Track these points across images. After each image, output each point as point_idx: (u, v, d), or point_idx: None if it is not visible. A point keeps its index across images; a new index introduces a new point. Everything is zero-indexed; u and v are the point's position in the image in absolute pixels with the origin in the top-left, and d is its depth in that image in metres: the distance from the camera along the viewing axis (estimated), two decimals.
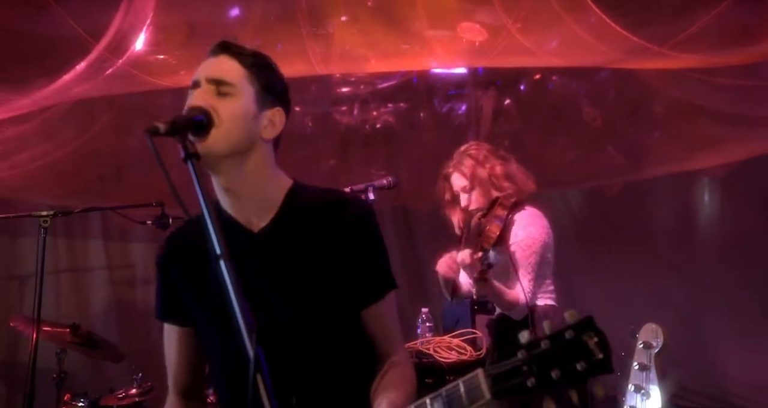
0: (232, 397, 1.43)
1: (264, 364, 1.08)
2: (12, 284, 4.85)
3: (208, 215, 1.14)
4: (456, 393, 1.07)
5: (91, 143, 4.11)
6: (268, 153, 1.41)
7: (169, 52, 3.26)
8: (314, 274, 1.38)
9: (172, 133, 1.20)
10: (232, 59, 1.36)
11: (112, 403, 3.48)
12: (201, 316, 1.45)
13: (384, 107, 5.01)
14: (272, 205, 1.42)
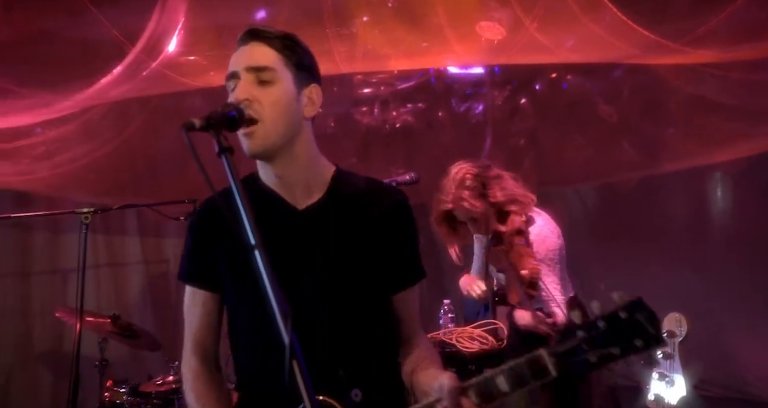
0: (255, 367, 1.41)
1: (298, 350, 1.06)
2: (55, 278, 4.89)
3: (243, 208, 1.12)
4: (520, 370, 1.11)
5: (127, 143, 4.13)
6: (310, 132, 1.40)
7: (200, 53, 3.24)
8: (354, 256, 1.38)
9: (206, 129, 1.19)
10: (263, 45, 1.33)
11: (151, 389, 3.48)
12: (233, 287, 1.42)
13: (403, 107, 4.97)
14: (318, 185, 1.40)
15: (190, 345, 1.47)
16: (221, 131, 1.20)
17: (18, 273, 4.78)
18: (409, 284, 1.45)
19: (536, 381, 1.10)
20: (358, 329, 1.37)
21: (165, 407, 3.41)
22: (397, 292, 1.43)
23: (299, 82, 1.35)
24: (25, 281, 4.84)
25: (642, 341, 1.04)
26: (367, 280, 1.38)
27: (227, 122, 1.23)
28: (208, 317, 1.46)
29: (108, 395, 3.42)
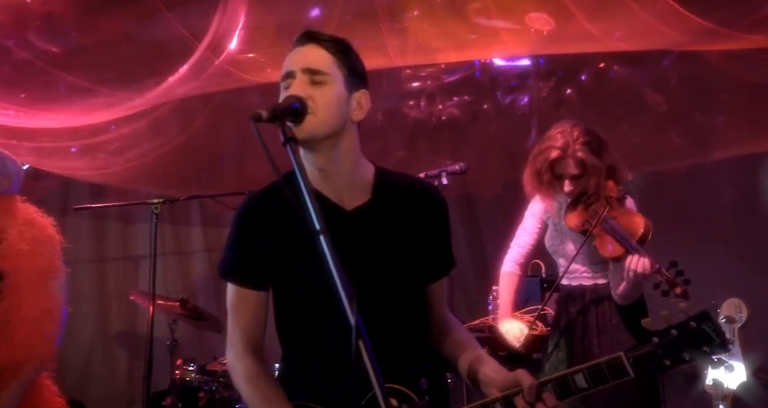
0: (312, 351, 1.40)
1: (364, 331, 1.05)
2: (128, 264, 5.06)
3: (307, 192, 1.12)
4: (600, 370, 1.22)
5: (192, 139, 4.21)
6: (356, 134, 1.41)
7: (258, 50, 3.28)
8: (404, 251, 1.40)
9: (272, 120, 1.20)
10: (319, 48, 1.34)
11: (217, 368, 3.55)
12: (285, 275, 1.40)
13: (449, 100, 4.91)
14: (364, 186, 1.41)
15: (243, 343, 1.41)
16: (285, 122, 1.22)
17: (94, 260, 4.96)
18: (445, 274, 1.52)
19: (614, 380, 1.22)
20: (408, 321, 1.40)
21: (230, 385, 3.47)
22: (435, 280, 1.49)
23: (350, 86, 1.36)
24: (101, 267, 5.02)
25: (709, 348, 1.19)
26: (409, 274, 1.41)
27: (290, 114, 1.25)
28: (256, 312, 1.43)
29: (179, 373, 3.52)
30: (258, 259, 1.40)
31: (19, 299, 1.97)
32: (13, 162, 2.18)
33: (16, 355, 1.91)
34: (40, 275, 2.04)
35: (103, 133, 3.49)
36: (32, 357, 1.94)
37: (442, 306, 1.53)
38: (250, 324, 1.43)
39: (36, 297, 2.00)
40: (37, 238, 2.08)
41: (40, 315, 2.00)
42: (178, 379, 3.49)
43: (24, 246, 2.02)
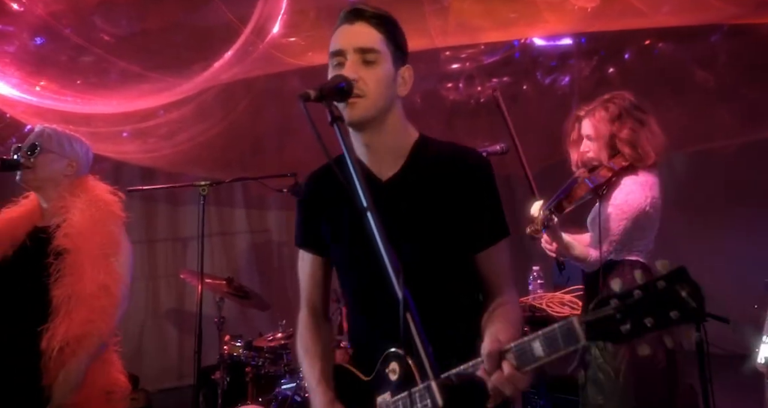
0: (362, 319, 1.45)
1: (412, 304, 1.07)
2: (176, 244, 5.21)
3: (354, 171, 1.14)
4: (553, 336, 1.06)
5: (235, 123, 4.27)
6: (401, 107, 1.40)
7: (300, 34, 3.28)
8: (436, 220, 1.36)
9: (320, 99, 1.21)
10: (368, 25, 1.33)
11: (263, 344, 3.62)
12: (337, 250, 1.46)
13: (488, 82, 4.83)
14: (401, 154, 1.40)
15: (303, 301, 1.54)
16: (332, 101, 1.22)
17: (144, 240, 5.12)
18: (490, 242, 1.41)
19: (567, 347, 1.05)
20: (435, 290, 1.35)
21: (275, 360, 3.55)
22: (478, 251, 1.40)
23: (396, 62, 1.35)
24: (151, 248, 5.19)
25: (678, 313, 0.95)
26: (448, 242, 1.36)
27: (337, 93, 1.25)
28: (315, 277, 1.52)
29: (227, 348, 3.60)
30: (316, 227, 1.47)
31: (79, 276, 2.00)
32: (81, 144, 2.24)
33: (77, 330, 1.95)
34: (100, 252, 2.06)
35: (153, 118, 3.58)
36: (92, 332, 1.98)
37: (497, 281, 1.43)
38: (307, 286, 1.53)
39: (95, 274, 2.03)
40: (96, 217, 2.10)
41: (99, 291, 2.02)
42: (226, 354, 3.57)
43: (85, 224, 2.06)
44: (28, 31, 2.85)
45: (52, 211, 2.12)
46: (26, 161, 2.09)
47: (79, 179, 2.17)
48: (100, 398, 2.05)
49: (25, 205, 2.19)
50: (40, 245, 2.03)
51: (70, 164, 2.15)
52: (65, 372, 1.93)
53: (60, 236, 2.02)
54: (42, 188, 2.14)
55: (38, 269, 1.99)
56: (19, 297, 2.01)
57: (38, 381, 1.92)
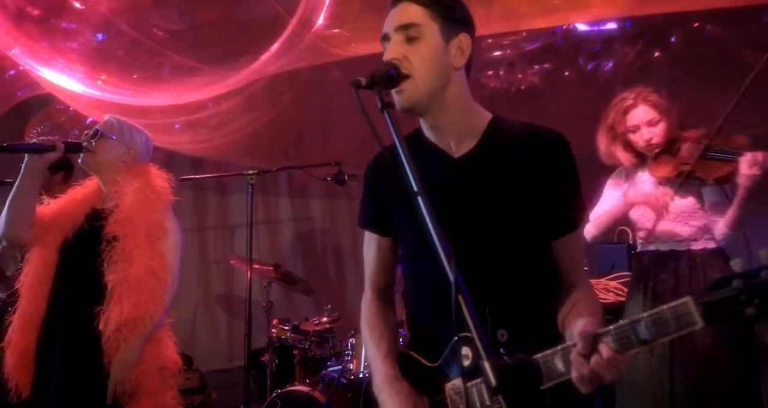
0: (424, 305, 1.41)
1: (463, 287, 1.04)
2: (225, 232, 5.35)
3: (405, 160, 1.12)
4: (661, 318, 0.99)
5: (280, 114, 4.33)
6: (463, 81, 1.34)
7: (344, 25, 3.29)
8: (512, 201, 1.30)
9: (370, 86, 1.20)
10: (411, 3, 1.30)
11: (309, 328, 3.71)
12: (402, 232, 1.44)
13: (529, 69, 4.73)
14: (473, 133, 1.35)
15: (367, 282, 1.53)
16: (382, 88, 1.21)
17: (195, 228, 5.28)
18: (569, 230, 1.34)
19: (679, 330, 0.97)
20: (508, 272, 1.30)
21: (321, 344, 3.63)
22: (556, 238, 1.34)
23: (447, 34, 1.29)
24: (202, 235, 5.35)
25: None
26: (521, 225, 1.30)
27: (387, 80, 1.24)
28: (379, 258, 1.50)
29: (275, 332, 3.70)
30: (381, 208, 1.47)
31: (130, 261, 2.08)
32: (141, 133, 2.33)
33: (130, 313, 2.04)
34: (147, 238, 2.13)
35: (204, 110, 3.67)
36: (144, 315, 2.06)
37: (573, 270, 1.36)
38: (371, 267, 1.51)
39: (143, 259, 2.10)
40: (143, 203, 2.16)
41: (147, 277, 2.10)
42: (275, 337, 3.67)
43: (133, 211, 2.13)
44: (90, 28, 2.96)
45: (108, 195, 2.22)
46: (88, 145, 2.20)
47: (137, 166, 2.26)
48: (154, 374, 2.14)
49: (88, 187, 2.31)
50: (95, 229, 2.13)
51: (127, 151, 2.25)
52: (122, 351, 2.04)
53: (111, 223, 2.12)
54: (100, 172, 2.24)
55: (93, 254, 2.09)
56: (78, 278, 2.12)
57: (99, 358, 2.04)
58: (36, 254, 2.17)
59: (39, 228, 2.16)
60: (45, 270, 2.14)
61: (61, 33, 3.06)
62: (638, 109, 2.39)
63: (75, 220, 2.20)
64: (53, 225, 2.18)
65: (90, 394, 2.03)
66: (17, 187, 2.12)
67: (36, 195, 2.18)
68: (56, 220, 2.19)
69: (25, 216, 2.13)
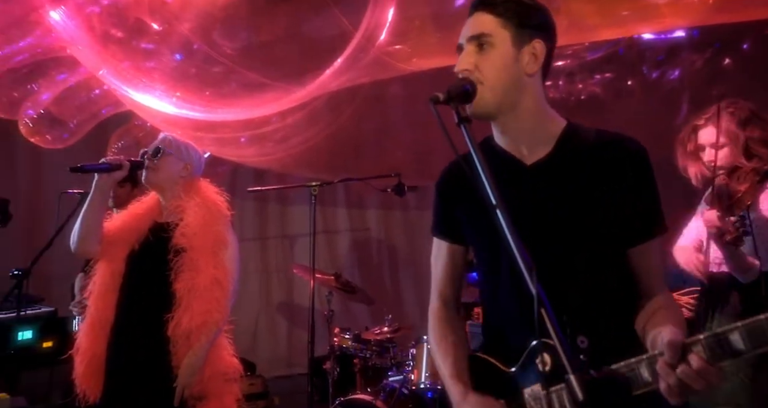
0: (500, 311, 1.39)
1: (545, 300, 1.03)
2: (285, 241, 5.47)
3: (483, 172, 1.12)
4: (758, 328, 0.95)
5: (340, 128, 4.41)
6: (537, 87, 1.34)
7: (406, 41, 3.33)
8: (587, 207, 1.28)
9: (447, 101, 1.21)
10: (484, 13, 1.32)
11: (370, 337, 3.72)
12: (476, 241, 1.44)
13: (590, 79, 4.63)
14: (547, 139, 1.34)
15: (435, 291, 1.53)
16: (458, 103, 1.22)
17: (257, 237, 5.42)
18: (646, 238, 1.31)
19: None
20: (585, 279, 1.28)
21: (382, 353, 3.63)
22: (633, 245, 1.31)
23: (519, 41, 1.29)
24: (263, 244, 5.48)
25: None
26: (600, 232, 1.28)
27: (463, 95, 1.25)
28: (449, 267, 1.50)
29: (336, 340, 3.74)
30: (452, 216, 1.47)
31: (196, 271, 2.20)
32: (195, 150, 2.47)
33: (197, 319, 2.15)
34: (211, 249, 2.25)
35: (269, 124, 3.79)
36: (209, 320, 2.17)
37: (651, 278, 1.33)
38: (440, 276, 1.52)
39: (209, 268, 2.22)
40: (208, 217, 2.29)
41: (212, 285, 2.21)
42: (336, 346, 3.70)
43: (198, 224, 2.26)
44: (167, 48, 3.11)
45: (169, 209, 2.35)
46: (150, 162, 2.33)
47: (193, 181, 2.40)
48: (218, 378, 2.25)
49: (147, 203, 2.44)
50: (160, 241, 2.26)
51: (186, 167, 2.38)
52: (189, 356, 2.14)
53: (178, 235, 2.24)
54: (162, 187, 2.37)
55: (161, 263, 2.21)
56: (146, 287, 2.24)
57: (167, 362, 2.15)
58: (103, 265, 2.31)
59: (106, 241, 2.30)
60: (112, 280, 2.27)
61: (141, 53, 3.24)
62: (707, 130, 2.35)
63: (139, 233, 2.33)
64: (119, 238, 2.32)
65: (158, 397, 2.13)
66: (89, 203, 2.26)
67: (104, 210, 2.33)
68: (121, 234, 2.33)
69: (94, 230, 2.27)
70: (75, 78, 3.28)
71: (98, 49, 2.87)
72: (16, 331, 3.31)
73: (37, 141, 3.45)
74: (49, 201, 4.61)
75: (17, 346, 3.29)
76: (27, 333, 3.39)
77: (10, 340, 3.26)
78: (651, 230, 1.33)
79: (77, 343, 2.26)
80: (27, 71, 3.08)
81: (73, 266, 4.40)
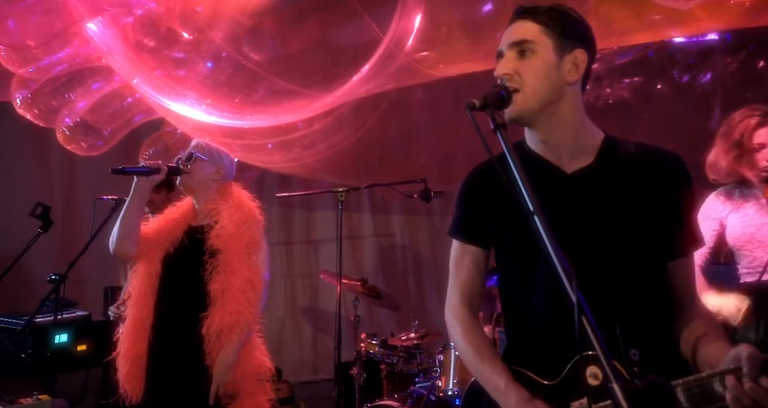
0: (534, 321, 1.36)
1: (586, 307, 1.01)
2: (310, 247, 5.51)
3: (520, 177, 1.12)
4: None
5: (366, 133, 4.43)
6: (576, 97, 1.34)
7: (434, 48, 3.34)
8: (631, 219, 1.28)
9: (483, 108, 1.21)
10: (527, 20, 1.32)
11: (397, 343, 3.72)
12: (506, 246, 1.42)
13: (618, 83, 4.58)
14: (588, 150, 1.34)
15: (458, 296, 1.47)
16: (494, 110, 1.22)
17: (282, 242, 5.47)
18: (686, 252, 1.33)
19: None
20: (632, 291, 1.27)
21: (409, 359, 3.63)
22: (672, 259, 1.32)
23: (561, 49, 1.30)
24: (288, 249, 5.53)
25: None
26: (639, 245, 1.28)
27: (498, 101, 1.25)
28: (475, 271, 1.47)
29: (363, 346, 3.75)
30: (478, 219, 1.46)
31: (230, 272, 2.25)
32: (227, 155, 2.54)
33: (230, 319, 2.21)
34: (245, 251, 2.30)
35: (296, 131, 3.83)
36: (241, 320, 2.22)
37: (688, 291, 1.35)
38: (466, 279, 1.48)
39: (242, 270, 2.27)
40: (243, 219, 2.35)
41: (245, 285, 2.26)
42: (363, 352, 3.71)
43: (233, 226, 2.31)
44: (197, 56, 3.18)
45: (204, 212, 2.41)
46: (185, 167, 2.40)
47: (225, 185, 2.46)
48: (251, 377, 2.30)
49: (182, 207, 2.51)
50: (195, 243, 2.32)
51: (218, 171, 2.44)
52: (222, 353, 2.19)
53: (213, 237, 2.30)
54: (196, 191, 2.44)
55: (196, 264, 2.27)
56: (182, 288, 2.30)
57: (202, 361, 2.20)
58: (141, 268, 2.38)
59: (143, 244, 2.36)
60: (150, 282, 2.34)
61: (172, 62, 3.31)
62: (764, 130, 2.28)
63: (175, 236, 2.39)
64: (155, 241, 2.38)
65: (194, 395, 2.19)
66: (127, 205, 2.34)
67: (142, 213, 2.40)
68: (157, 237, 2.39)
69: (132, 233, 2.34)
70: (110, 86, 3.37)
71: (132, 58, 2.94)
72: (53, 334, 3.40)
73: (72, 148, 3.55)
74: (83, 206, 4.73)
75: (53, 350, 3.38)
76: (63, 336, 3.49)
77: (47, 343, 3.36)
78: (690, 245, 1.34)
79: (119, 344, 2.33)
80: (65, 81, 3.18)
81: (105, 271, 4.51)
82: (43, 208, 2.65)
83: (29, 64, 2.97)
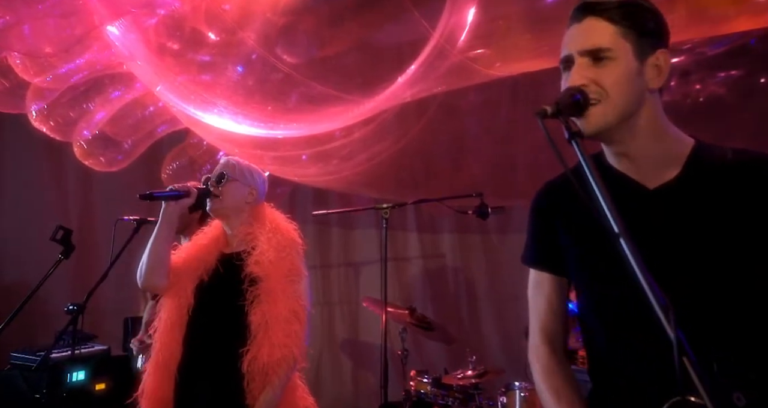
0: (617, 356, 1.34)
1: (687, 346, 1.00)
2: (349, 270, 5.51)
3: (603, 197, 1.11)
4: None
5: (411, 142, 4.42)
6: (656, 103, 1.33)
7: (489, 45, 3.31)
8: (722, 241, 1.26)
9: (556, 115, 1.21)
10: (598, 19, 1.29)
11: (452, 382, 3.68)
12: (582, 273, 1.41)
13: (710, 78, 4.41)
14: (673, 161, 1.32)
15: (538, 332, 1.49)
16: (568, 117, 1.23)
17: (319, 266, 5.49)
18: None
19: None
20: (725, 325, 1.25)
21: (466, 401, 3.57)
22: None
23: (642, 53, 1.28)
24: (325, 274, 5.54)
25: None
26: (735, 271, 1.25)
27: (573, 107, 1.25)
28: (554, 303, 1.48)
29: (413, 384, 3.71)
30: (554, 243, 1.46)
31: (273, 302, 2.26)
32: (259, 174, 2.56)
33: (275, 354, 2.20)
34: (287, 278, 2.32)
35: (334, 140, 3.85)
36: (288, 355, 2.22)
37: None
38: (544, 313, 1.49)
39: (285, 299, 2.28)
40: (282, 244, 2.37)
41: (290, 316, 2.27)
42: (413, 391, 3.68)
43: (272, 252, 2.33)
44: (226, 59, 3.24)
45: (238, 238, 2.43)
46: (215, 190, 2.42)
47: (259, 207, 2.49)
48: None
49: (211, 233, 2.54)
50: (232, 271, 2.34)
51: (251, 192, 2.47)
52: (266, 393, 2.18)
53: (252, 264, 2.31)
54: (228, 215, 2.46)
55: (234, 294, 2.28)
56: (219, 319, 2.31)
57: (241, 401, 2.19)
58: (168, 301, 2.41)
59: (173, 275, 2.39)
60: (179, 314, 2.36)
61: (198, 66, 3.38)
62: None
63: (208, 264, 2.42)
64: (184, 271, 2.41)
65: None
66: (156, 234, 2.37)
67: (172, 240, 2.43)
68: (187, 267, 2.42)
69: (162, 263, 2.37)
70: (130, 95, 3.47)
71: (155, 63, 3.02)
72: (69, 371, 3.48)
73: (91, 164, 3.67)
74: (101, 227, 4.87)
75: (70, 388, 3.46)
76: (80, 373, 3.57)
77: (62, 381, 3.44)
78: None
79: (142, 384, 2.35)
80: (83, 90, 3.29)
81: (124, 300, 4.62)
82: (65, 232, 2.74)
83: (46, 72, 3.09)
